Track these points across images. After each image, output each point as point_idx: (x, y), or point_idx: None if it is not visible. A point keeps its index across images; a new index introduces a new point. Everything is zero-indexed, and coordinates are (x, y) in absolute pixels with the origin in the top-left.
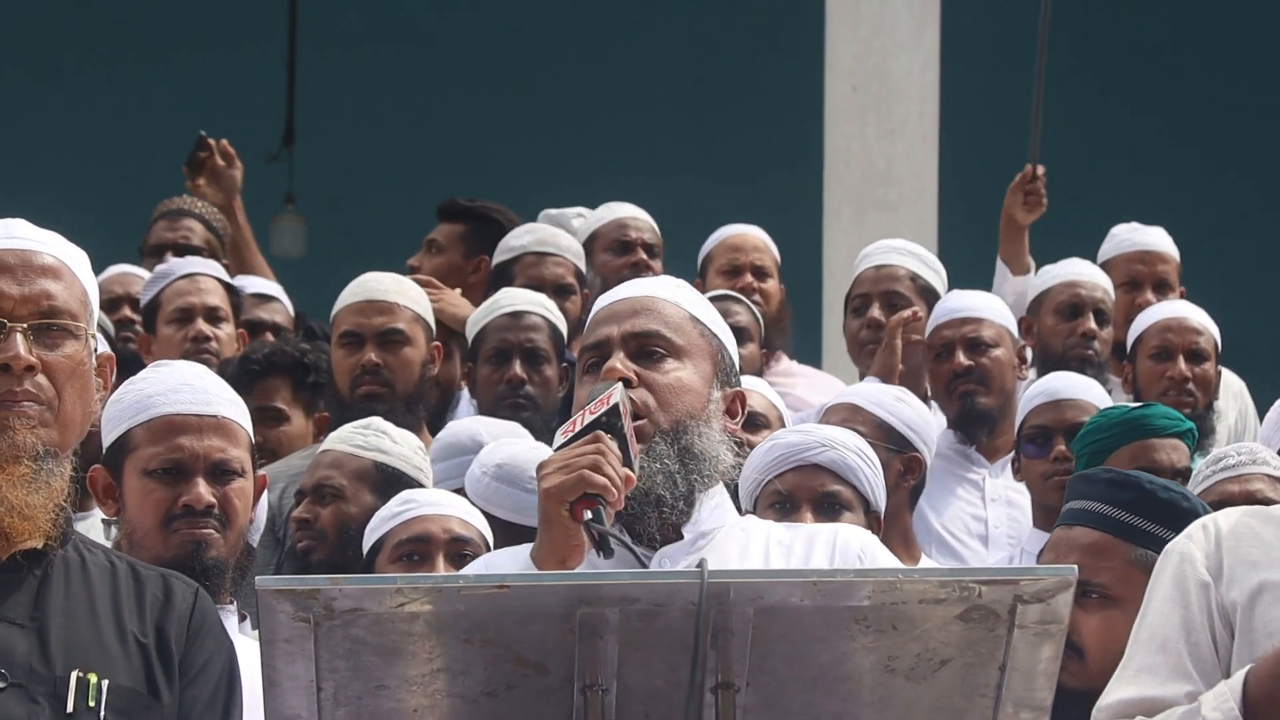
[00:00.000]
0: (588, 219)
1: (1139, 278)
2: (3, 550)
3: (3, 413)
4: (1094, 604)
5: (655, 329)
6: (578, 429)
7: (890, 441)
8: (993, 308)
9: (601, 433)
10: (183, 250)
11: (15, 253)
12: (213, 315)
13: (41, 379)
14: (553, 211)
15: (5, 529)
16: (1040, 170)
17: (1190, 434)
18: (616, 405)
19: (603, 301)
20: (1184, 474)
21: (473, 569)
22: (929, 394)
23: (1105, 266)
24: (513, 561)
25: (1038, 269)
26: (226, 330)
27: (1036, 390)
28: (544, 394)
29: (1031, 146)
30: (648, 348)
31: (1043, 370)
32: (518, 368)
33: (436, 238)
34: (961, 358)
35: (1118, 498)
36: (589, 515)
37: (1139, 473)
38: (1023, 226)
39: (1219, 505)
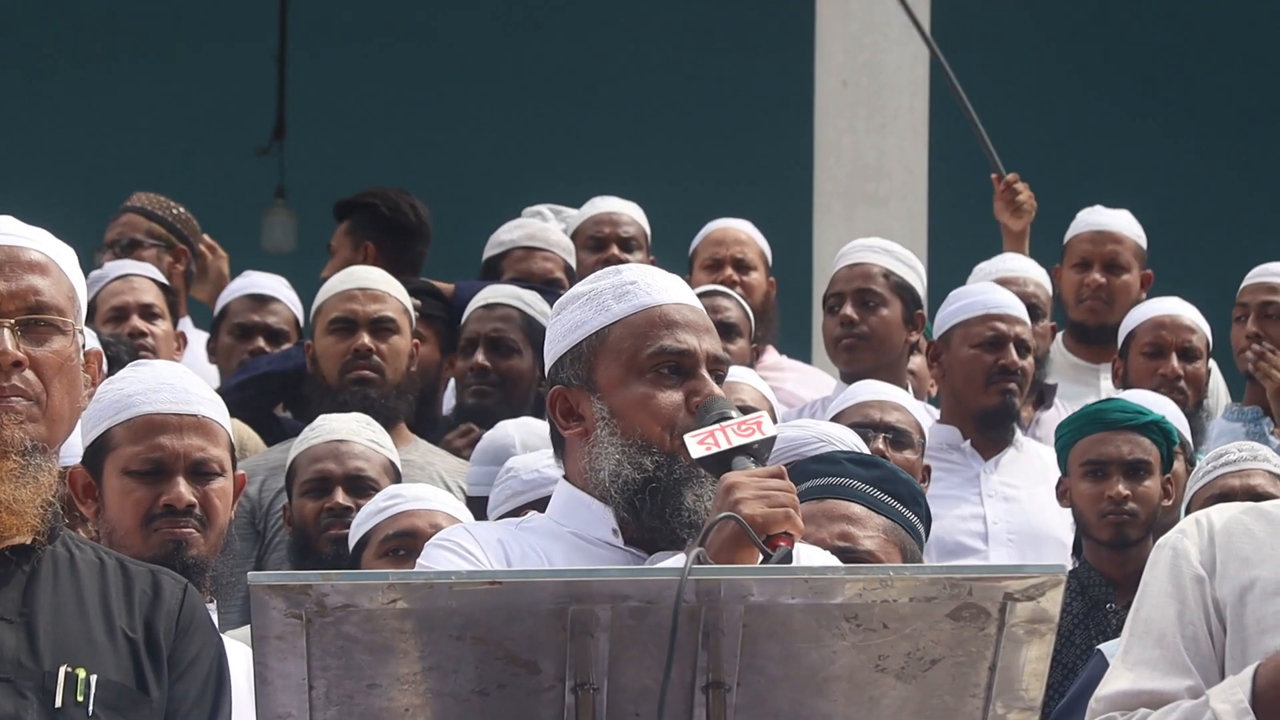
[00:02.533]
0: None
1: (1088, 257)
2: None
3: None
4: None
5: (725, 356)
6: (720, 447)
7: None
8: (1025, 313)
9: (784, 468)
10: (127, 245)
11: (2, 249)
12: (147, 312)
13: (29, 374)
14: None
15: None
16: (1011, 176)
17: (1157, 426)
18: (773, 439)
19: (658, 294)
20: (1144, 466)
21: (452, 533)
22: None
23: (1065, 249)
24: (490, 533)
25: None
26: (163, 327)
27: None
28: (509, 381)
29: (990, 159)
30: (717, 374)
31: None
32: (480, 355)
33: (331, 242)
34: (1015, 356)
35: (866, 475)
36: (780, 551)
37: (876, 456)
38: (1019, 234)
39: (1220, 499)
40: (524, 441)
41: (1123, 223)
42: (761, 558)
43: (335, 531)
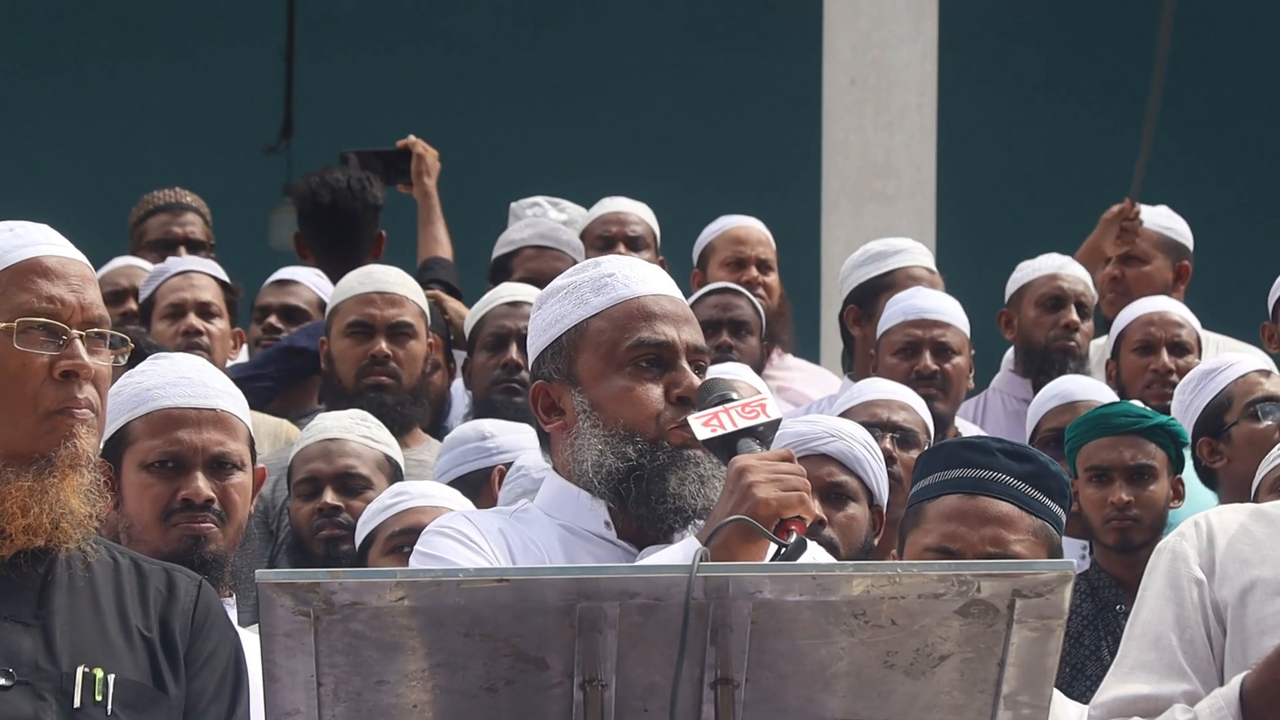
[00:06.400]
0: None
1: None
2: (5, 549)
3: (69, 420)
4: None
5: (705, 346)
6: (726, 428)
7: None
8: (958, 314)
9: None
10: (189, 243)
11: (60, 259)
12: (204, 310)
13: (90, 387)
14: (513, 205)
15: (57, 533)
16: (1137, 207)
17: (1163, 429)
18: (778, 421)
19: (636, 286)
20: (1148, 471)
21: (453, 520)
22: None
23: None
24: (490, 523)
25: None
26: (219, 326)
27: (1049, 394)
28: None
29: (1135, 180)
30: (698, 364)
31: (1024, 362)
32: (514, 352)
33: None
34: (929, 360)
35: (1019, 470)
36: (793, 537)
37: (1029, 446)
38: (1107, 256)
39: None
40: (494, 426)
41: (1143, 215)
42: (773, 546)
43: (327, 532)
